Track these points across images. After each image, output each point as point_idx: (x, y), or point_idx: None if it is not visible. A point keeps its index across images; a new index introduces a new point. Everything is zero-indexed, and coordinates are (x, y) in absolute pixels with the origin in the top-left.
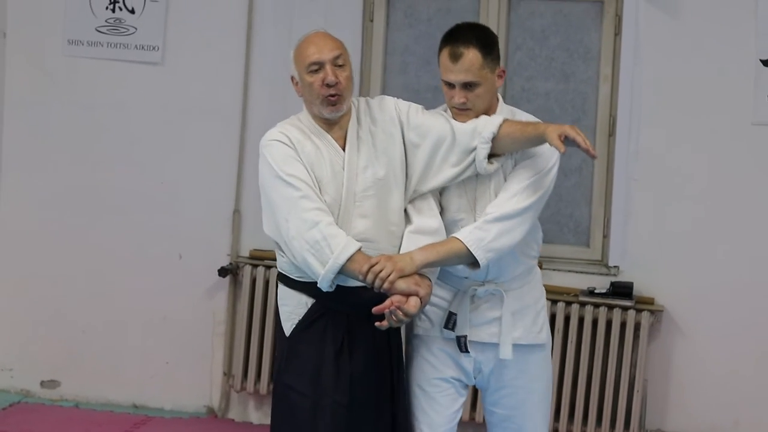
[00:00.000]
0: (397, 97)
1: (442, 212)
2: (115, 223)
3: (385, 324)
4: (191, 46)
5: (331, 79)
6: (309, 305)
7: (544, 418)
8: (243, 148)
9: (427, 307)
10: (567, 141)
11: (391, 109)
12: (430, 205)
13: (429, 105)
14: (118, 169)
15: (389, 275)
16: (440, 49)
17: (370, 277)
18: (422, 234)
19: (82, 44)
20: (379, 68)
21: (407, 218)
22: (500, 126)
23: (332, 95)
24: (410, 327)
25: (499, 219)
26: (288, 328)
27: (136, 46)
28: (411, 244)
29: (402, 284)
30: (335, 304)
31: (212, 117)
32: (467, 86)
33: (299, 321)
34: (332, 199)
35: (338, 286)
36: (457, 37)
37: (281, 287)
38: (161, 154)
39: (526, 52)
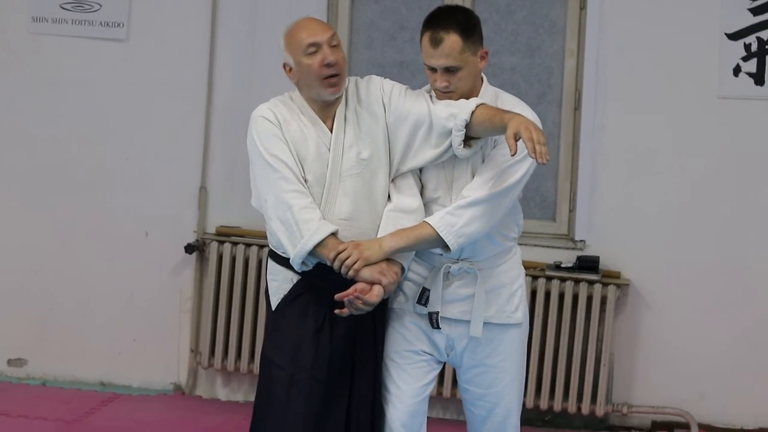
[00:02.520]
0: (363, 73)
1: (422, 190)
2: (80, 201)
3: (345, 311)
4: (156, 23)
5: (331, 59)
6: (295, 281)
7: (518, 397)
8: (209, 125)
9: (403, 282)
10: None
11: (377, 89)
12: (410, 184)
13: (395, 80)
14: (83, 147)
15: (354, 263)
16: (421, 34)
17: (336, 264)
18: (401, 212)
19: (47, 21)
20: (345, 44)
21: (388, 197)
22: (473, 112)
23: (333, 75)
24: (386, 301)
25: (471, 204)
26: (275, 302)
27: (100, 23)
28: (389, 224)
29: (366, 272)
30: (319, 281)
31: (177, 94)
32: (449, 70)
33: (284, 296)
34: (315, 178)
35: (322, 264)
36: (437, 21)
37: (270, 262)
38: (127, 131)
39: (492, 27)
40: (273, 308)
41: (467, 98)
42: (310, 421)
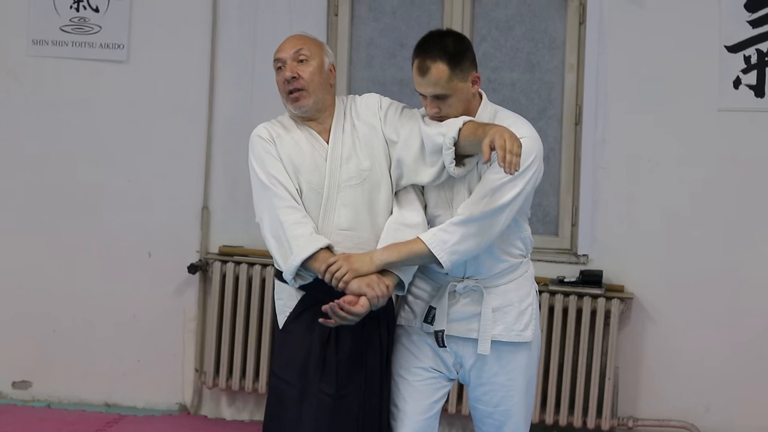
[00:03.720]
0: (363, 91)
1: (424, 207)
2: (83, 222)
3: (331, 321)
4: (156, 43)
5: (287, 74)
6: (299, 297)
7: (526, 416)
8: (210, 145)
9: (410, 299)
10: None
11: (374, 104)
12: (411, 199)
13: (395, 97)
14: (85, 168)
15: (343, 276)
16: (412, 60)
17: (327, 276)
18: (403, 225)
19: (47, 44)
20: (345, 62)
21: (392, 209)
22: (460, 130)
23: (293, 90)
24: (393, 316)
25: (464, 222)
26: (281, 320)
27: (101, 44)
28: (389, 236)
29: (354, 284)
30: (323, 295)
31: (179, 114)
32: (438, 98)
33: (290, 313)
34: (312, 188)
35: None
36: (425, 49)
37: (276, 282)
38: (128, 152)
39: (491, 43)
40: (280, 327)
41: None
42: None
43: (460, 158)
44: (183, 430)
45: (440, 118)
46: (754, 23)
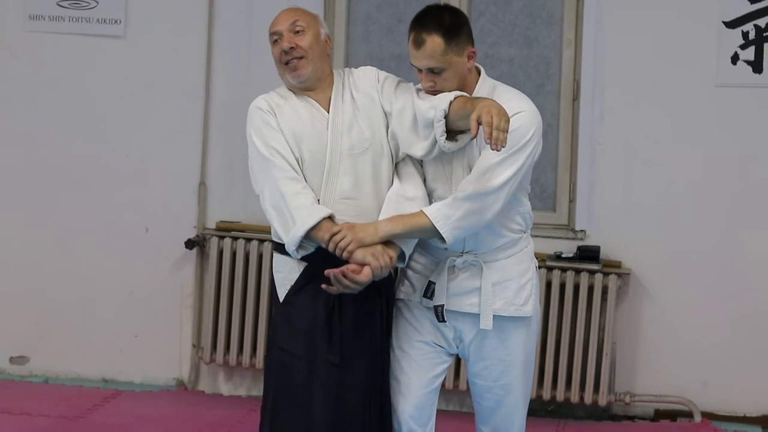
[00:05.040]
0: (361, 66)
1: (424, 180)
2: (80, 198)
3: (333, 288)
4: (153, 18)
5: (285, 45)
6: (301, 270)
7: (525, 391)
8: (207, 120)
9: (410, 273)
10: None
11: (372, 76)
12: (411, 172)
13: (393, 73)
14: (82, 144)
15: (348, 245)
16: (408, 33)
17: (331, 245)
18: (404, 198)
19: (44, 19)
20: (342, 37)
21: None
22: (451, 103)
23: (291, 60)
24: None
25: (469, 198)
26: (282, 293)
27: (98, 20)
28: (391, 207)
29: (359, 254)
30: (326, 265)
31: (176, 89)
32: (433, 71)
33: (292, 286)
34: (314, 156)
35: (325, 249)
36: (421, 22)
37: (275, 255)
38: (125, 127)
39: (489, 18)
40: (281, 300)
41: None
42: (332, 407)
43: (453, 133)
44: (180, 406)
45: (435, 92)
46: None
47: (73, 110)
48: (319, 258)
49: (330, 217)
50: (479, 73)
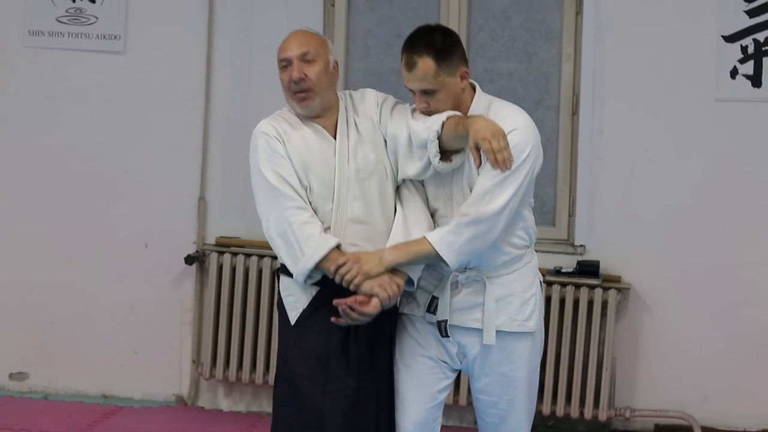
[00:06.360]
0: (360, 81)
1: (426, 201)
2: (80, 213)
3: (342, 320)
4: (153, 34)
5: (295, 75)
6: (313, 293)
7: (530, 407)
8: (207, 136)
9: (415, 290)
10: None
11: (372, 99)
12: (414, 194)
13: (392, 88)
14: (81, 159)
15: (354, 278)
16: (401, 56)
17: (337, 278)
18: (408, 222)
19: (43, 35)
20: (342, 52)
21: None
22: (443, 124)
23: (300, 91)
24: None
25: (472, 223)
26: (293, 317)
27: (97, 35)
28: (398, 234)
29: (366, 286)
30: (337, 289)
31: (175, 105)
32: (426, 92)
33: (304, 309)
34: (323, 183)
35: None
36: (412, 44)
37: (283, 278)
38: (125, 143)
39: (489, 33)
40: (292, 323)
41: None
42: (346, 428)
43: (447, 153)
44: (180, 422)
45: (429, 113)
46: (751, 13)
47: (72, 125)
48: (330, 283)
49: (338, 247)
50: (474, 90)
